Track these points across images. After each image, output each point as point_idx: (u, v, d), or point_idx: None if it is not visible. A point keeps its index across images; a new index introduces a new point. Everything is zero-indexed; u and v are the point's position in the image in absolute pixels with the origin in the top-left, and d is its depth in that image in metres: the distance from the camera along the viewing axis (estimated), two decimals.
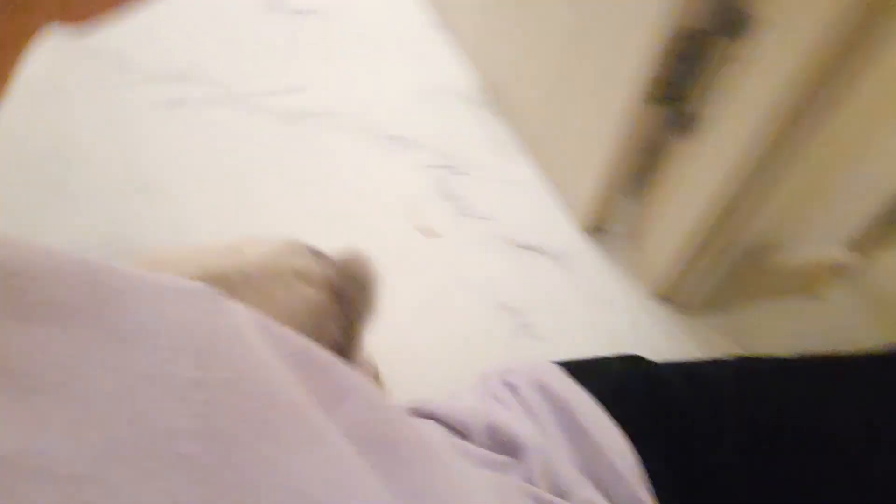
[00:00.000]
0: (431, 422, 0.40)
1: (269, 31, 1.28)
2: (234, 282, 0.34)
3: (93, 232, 0.80)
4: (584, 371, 0.44)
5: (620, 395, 0.42)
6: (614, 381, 0.44)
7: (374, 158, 1.01)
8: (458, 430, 0.40)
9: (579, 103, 0.86)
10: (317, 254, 0.38)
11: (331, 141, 1.03)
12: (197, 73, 1.13)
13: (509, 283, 0.84)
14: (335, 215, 0.89)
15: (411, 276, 0.82)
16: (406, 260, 0.84)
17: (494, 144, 1.08)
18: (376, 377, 0.51)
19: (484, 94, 1.20)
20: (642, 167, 0.82)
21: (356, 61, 1.24)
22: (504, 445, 0.38)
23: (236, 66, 1.16)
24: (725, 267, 0.76)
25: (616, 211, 0.89)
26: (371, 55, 1.26)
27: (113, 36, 1.18)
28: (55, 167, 0.89)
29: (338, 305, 0.38)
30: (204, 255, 0.36)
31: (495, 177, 1.00)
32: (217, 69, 1.14)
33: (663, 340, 0.81)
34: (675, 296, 0.82)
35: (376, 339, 0.70)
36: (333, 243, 0.89)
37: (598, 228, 0.92)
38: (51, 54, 1.10)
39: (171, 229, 0.83)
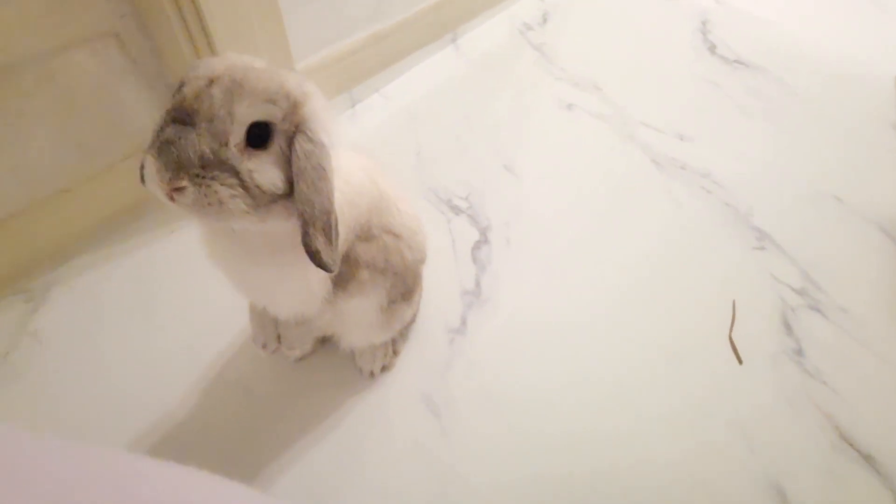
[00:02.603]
0: None
1: (694, 73, 1.24)
2: (378, 198, 0.54)
3: (457, 179, 0.97)
4: None
5: None
6: None
7: (726, 240, 0.89)
8: None
9: None
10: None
11: (690, 200, 0.95)
12: (599, 87, 1.19)
13: (801, 469, 0.64)
14: (653, 268, 0.84)
15: (677, 380, 0.71)
16: (679, 356, 0.73)
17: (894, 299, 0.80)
18: None
19: None
20: None
21: (776, 131, 1.09)
22: None
23: (638, 94, 1.18)
24: None
25: None
26: (794, 132, 1.09)
27: (559, 33, 1.34)
28: (463, 119, 1.10)
29: None
30: (368, 177, 0.55)
31: (868, 340, 0.75)
32: (618, 91, 1.18)
33: None
34: None
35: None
36: (633, 291, 0.82)
37: None
38: (514, 31, 1.34)
39: (511, 205, 0.93)
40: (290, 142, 0.39)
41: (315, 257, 0.40)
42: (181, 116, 0.37)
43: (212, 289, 0.77)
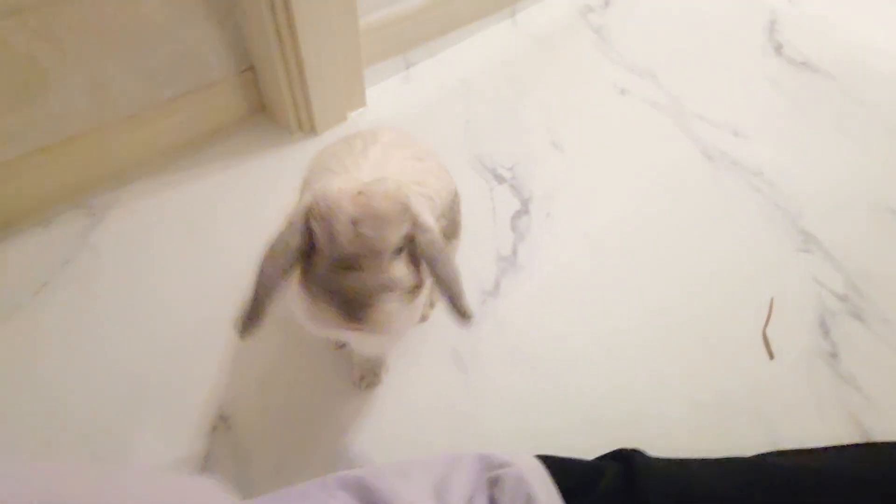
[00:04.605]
0: None
1: (756, 71, 1.21)
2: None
3: (504, 150, 0.98)
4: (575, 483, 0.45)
5: None
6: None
7: (770, 239, 0.87)
8: None
9: None
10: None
11: (738, 196, 0.93)
12: (656, 75, 1.17)
13: None
14: (691, 258, 0.83)
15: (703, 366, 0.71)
16: (710, 346, 0.73)
17: None
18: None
19: None
20: None
21: (838, 137, 1.05)
22: None
23: (696, 86, 1.15)
24: None
25: None
26: (856, 141, 1.05)
27: (620, 18, 1.32)
28: (515, 92, 1.10)
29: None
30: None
31: None
32: (675, 81, 1.16)
33: None
34: None
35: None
36: (669, 277, 0.82)
37: None
38: (574, 12, 1.32)
39: (554, 180, 0.93)
40: (410, 237, 0.44)
41: (463, 316, 0.45)
42: (345, 263, 0.41)
43: (258, 222, 0.80)
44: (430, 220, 0.45)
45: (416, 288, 0.45)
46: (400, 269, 0.43)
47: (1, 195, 0.78)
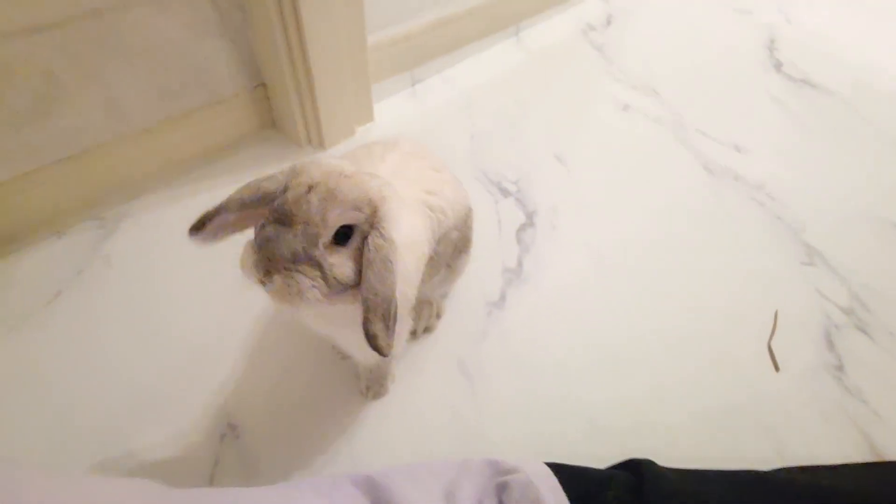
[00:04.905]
0: None
1: (757, 88, 1.23)
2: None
3: (509, 164, 1.00)
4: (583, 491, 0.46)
5: None
6: None
7: (773, 252, 0.88)
8: None
9: None
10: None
11: (740, 210, 0.94)
12: (658, 91, 1.19)
13: None
14: (695, 270, 0.84)
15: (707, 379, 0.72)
16: (715, 357, 0.73)
17: None
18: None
19: None
20: None
21: (839, 152, 1.07)
22: None
23: (697, 103, 1.17)
24: None
25: None
26: (858, 156, 1.06)
27: (622, 36, 1.35)
28: (519, 108, 1.12)
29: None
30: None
31: None
32: (677, 98, 1.18)
33: None
34: None
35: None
36: (672, 289, 0.82)
37: None
38: (577, 31, 1.35)
39: (559, 193, 0.94)
40: (365, 237, 0.43)
41: (371, 341, 0.42)
42: (281, 218, 0.42)
43: None
44: (396, 232, 0.43)
45: (346, 290, 0.43)
46: (336, 258, 0.42)
47: (16, 206, 0.80)
